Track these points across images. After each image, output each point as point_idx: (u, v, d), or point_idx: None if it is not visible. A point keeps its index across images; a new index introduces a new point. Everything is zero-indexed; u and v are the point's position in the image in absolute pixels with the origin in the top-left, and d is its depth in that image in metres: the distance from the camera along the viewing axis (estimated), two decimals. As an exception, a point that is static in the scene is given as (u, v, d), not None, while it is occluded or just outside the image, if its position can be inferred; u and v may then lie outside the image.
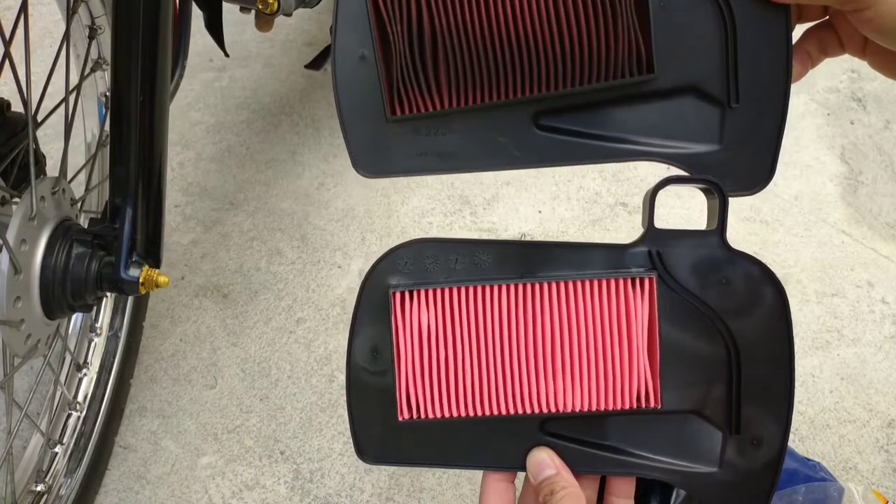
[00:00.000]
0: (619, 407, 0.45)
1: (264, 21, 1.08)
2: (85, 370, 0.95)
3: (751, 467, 0.46)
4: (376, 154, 0.47)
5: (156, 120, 0.71)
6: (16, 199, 0.73)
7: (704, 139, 0.45)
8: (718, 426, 0.46)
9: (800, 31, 0.46)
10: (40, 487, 0.87)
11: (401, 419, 0.46)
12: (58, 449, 0.90)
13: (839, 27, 0.45)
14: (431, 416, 0.46)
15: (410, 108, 0.46)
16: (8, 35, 0.66)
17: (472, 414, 0.46)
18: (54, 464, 0.90)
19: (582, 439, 0.47)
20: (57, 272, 0.67)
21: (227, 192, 1.35)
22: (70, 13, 0.81)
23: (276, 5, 0.96)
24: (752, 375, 0.45)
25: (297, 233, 1.29)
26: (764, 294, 0.45)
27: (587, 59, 0.43)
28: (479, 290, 0.45)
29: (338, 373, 1.10)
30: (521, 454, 0.47)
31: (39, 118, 0.75)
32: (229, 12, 1.09)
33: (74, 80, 0.83)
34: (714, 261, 0.45)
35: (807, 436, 1.06)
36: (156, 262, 0.74)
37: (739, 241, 1.09)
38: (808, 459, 0.88)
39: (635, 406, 0.45)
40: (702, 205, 0.47)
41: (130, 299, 1.00)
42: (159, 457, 1.01)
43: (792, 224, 1.34)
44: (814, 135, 1.51)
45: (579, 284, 0.45)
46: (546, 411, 0.45)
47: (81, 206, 0.86)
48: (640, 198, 1.36)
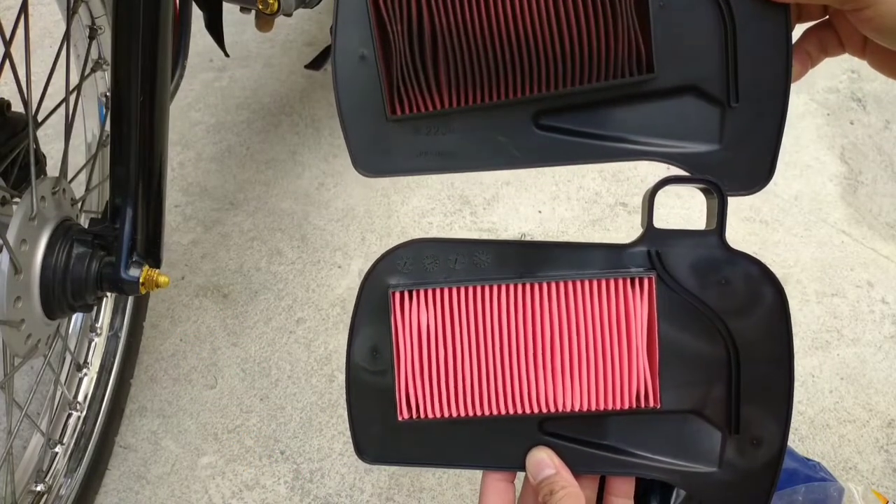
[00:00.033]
0: (619, 407, 0.45)
1: (264, 21, 1.08)
2: (85, 370, 0.95)
3: (750, 467, 0.46)
4: (376, 153, 0.47)
5: (156, 120, 0.71)
6: (16, 199, 0.73)
7: (704, 139, 0.45)
8: (718, 426, 0.46)
9: (800, 30, 0.46)
10: (40, 487, 0.87)
11: (400, 419, 0.46)
12: (58, 449, 0.90)
13: (839, 27, 0.45)
14: (431, 415, 0.46)
15: (411, 108, 0.46)
16: (8, 35, 0.66)
17: (471, 414, 0.46)
18: (54, 464, 0.90)
19: (581, 439, 0.47)
20: (57, 272, 0.67)
21: (227, 192, 1.35)
22: (70, 13, 0.81)
23: (276, 5, 0.97)
24: (751, 375, 0.45)
25: (297, 233, 1.29)
26: (763, 294, 0.45)
27: (587, 58, 0.43)
28: (479, 290, 0.45)
29: (338, 373, 1.10)
30: (521, 454, 0.47)
31: (40, 118, 0.75)
32: (229, 12, 1.09)
33: (74, 80, 0.83)
34: (713, 261, 0.45)
35: (807, 436, 1.06)
36: (156, 262, 0.74)
37: (739, 241, 1.09)
38: (808, 459, 0.88)
39: (635, 406, 0.45)
40: (702, 205, 0.47)
41: (130, 299, 1.01)
42: (159, 457, 1.01)
43: (792, 224, 1.34)
44: (814, 135, 1.51)
45: (578, 284, 0.45)
46: (545, 411, 0.45)
47: (82, 206, 0.86)
48: (640, 198, 1.36)
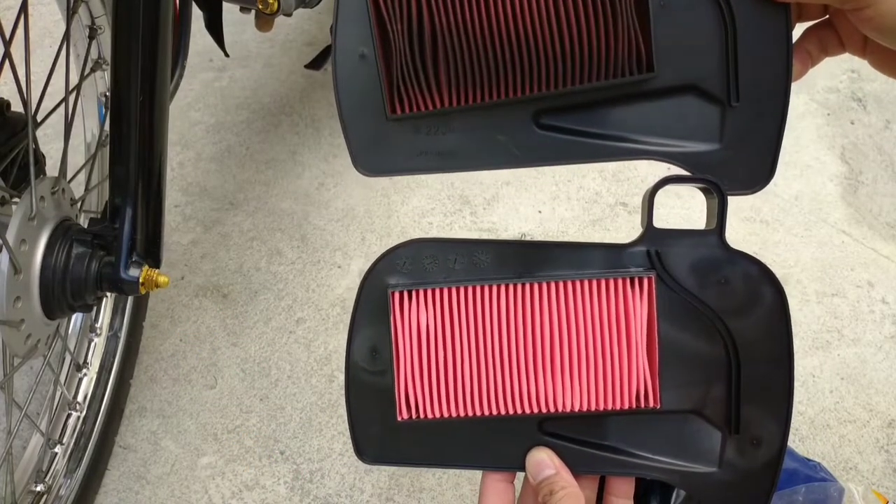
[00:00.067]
0: (619, 407, 0.45)
1: (264, 21, 1.08)
2: (85, 370, 0.95)
3: (750, 467, 0.46)
4: (376, 152, 0.47)
5: (156, 120, 0.71)
6: (16, 199, 0.73)
7: (704, 138, 0.45)
8: (718, 426, 0.46)
9: (800, 30, 0.46)
10: (40, 487, 0.86)
11: (400, 419, 0.46)
12: (58, 449, 0.90)
13: (839, 26, 0.45)
14: (430, 416, 0.46)
15: (411, 107, 0.46)
16: (8, 35, 0.66)
17: (470, 414, 0.45)
18: (54, 464, 0.89)
19: (581, 439, 0.47)
20: (57, 272, 0.67)
21: (227, 192, 1.35)
22: (70, 13, 0.81)
23: (276, 5, 0.96)
24: (751, 375, 0.45)
25: (297, 233, 1.29)
26: (763, 294, 0.45)
27: (587, 57, 0.43)
28: (478, 290, 0.45)
29: (338, 373, 1.10)
30: (521, 454, 0.47)
31: (39, 118, 0.75)
32: (229, 12, 1.09)
33: (74, 80, 0.83)
34: (713, 260, 0.45)
35: (807, 436, 1.05)
36: (156, 262, 0.74)
37: (739, 241, 1.09)
38: (808, 459, 0.88)
39: (634, 406, 0.45)
40: (702, 205, 0.47)
41: (130, 299, 1.00)
42: (159, 457, 1.01)
43: (792, 224, 1.34)
44: (814, 135, 1.51)
45: (578, 284, 0.45)
46: (545, 411, 0.45)
47: (81, 206, 0.86)
48: (640, 198, 1.35)
